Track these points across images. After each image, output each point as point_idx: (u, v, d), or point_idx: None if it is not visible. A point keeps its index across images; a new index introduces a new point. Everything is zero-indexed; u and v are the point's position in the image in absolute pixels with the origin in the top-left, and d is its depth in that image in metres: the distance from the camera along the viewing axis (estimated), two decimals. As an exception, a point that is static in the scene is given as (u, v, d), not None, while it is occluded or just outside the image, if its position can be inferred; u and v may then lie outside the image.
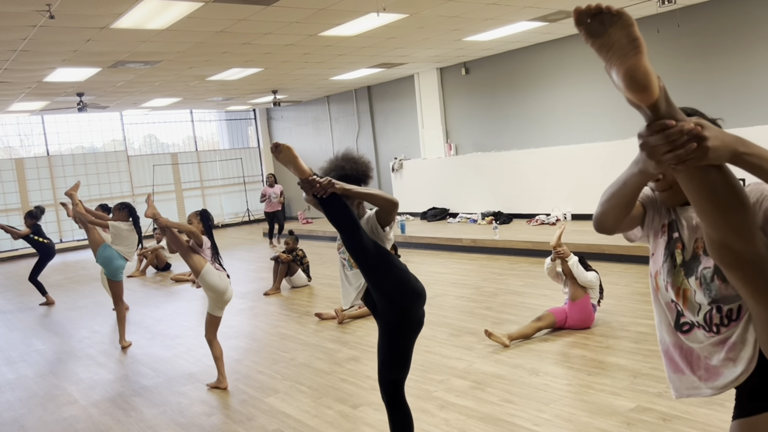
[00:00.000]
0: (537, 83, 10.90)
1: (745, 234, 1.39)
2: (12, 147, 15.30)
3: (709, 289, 1.63)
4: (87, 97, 11.52)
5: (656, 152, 1.28)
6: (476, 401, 3.80)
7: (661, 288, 1.75)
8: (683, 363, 1.76)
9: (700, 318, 1.67)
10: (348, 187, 2.53)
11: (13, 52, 7.52)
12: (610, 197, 1.61)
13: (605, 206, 1.64)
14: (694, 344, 1.72)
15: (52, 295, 8.70)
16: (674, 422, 3.25)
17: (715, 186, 1.34)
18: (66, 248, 15.15)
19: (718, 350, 1.67)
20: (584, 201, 9.81)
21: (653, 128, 1.27)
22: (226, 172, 17.87)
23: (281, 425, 3.77)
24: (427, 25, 8.34)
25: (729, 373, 1.66)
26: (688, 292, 1.68)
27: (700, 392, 1.75)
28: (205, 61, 9.34)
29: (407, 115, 13.65)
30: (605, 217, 1.66)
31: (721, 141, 1.28)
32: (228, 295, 4.44)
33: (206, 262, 4.38)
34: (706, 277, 1.63)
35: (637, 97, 1.24)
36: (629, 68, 1.21)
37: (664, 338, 1.81)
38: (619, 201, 1.60)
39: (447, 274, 7.84)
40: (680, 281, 1.69)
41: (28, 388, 4.98)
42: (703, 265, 1.64)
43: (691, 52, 8.65)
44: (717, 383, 1.69)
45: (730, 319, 1.63)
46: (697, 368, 1.73)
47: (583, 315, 4.95)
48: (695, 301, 1.66)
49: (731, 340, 1.63)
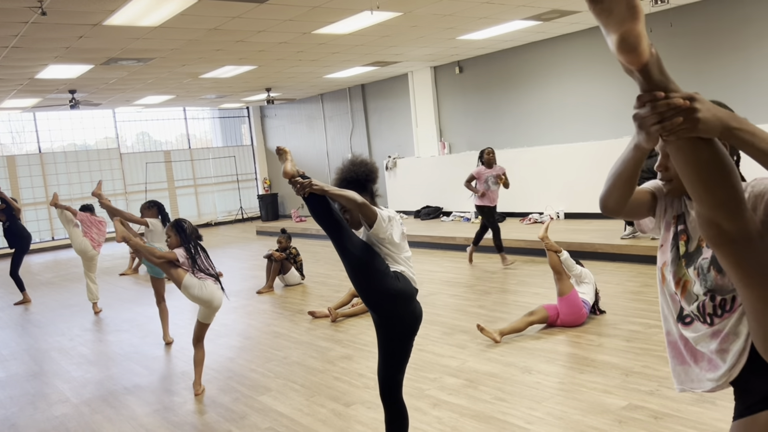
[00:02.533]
0: (531, 82, 10.92)
1: (733, 212, 1.40)
2: (3, 144, 15.20)
3: (705, 280, 1.64)
4: (79, 94, 11.46)
5: (645, 123, 1.30)
6: (469, 399, 3.81)
7: (668, 280, 1.77)
8: (689, 355, 1.78)
9: (694, 308, 1.68)
10: (326, 188, 2.60)
11: (5, 48, 7.47)
12: (612, 176, 1.67)
13: (608, 184, 1.70)
14: (691, 335, 1.74)
15: (43, 292, 8.66)
16: (665, 420, 3.27)
17: (703, 159, 1.35)
18: (57, 246, 15.08)
19: (712, 342, 1.68)
20: (577, 200, 9.84)
21: (643, 99, 1.30)
22: (219, 170, 17.82)
23: (274, 423, 3.76)
24: (421, 24, 8.34)
25: (722, 365, 1.67)
26: (688, 283, 1.69)
27: (703, 385, 1.76)
28: (199, 59, 9.31)
29: (401, 114, 13.65)
30: (608, 195, 1.72)
31: (713, 114, 1.29)
32: (215, 303, 4.33)
33: (186, 274, 4.25)
34: (703, 267, 1.65)
35: (627, 59, 1.26)
36: (624, 32, 1.24)
37: (671, 330, 1.82)
38: (619, 178, 1.65)
39: (440, 273, 7.85)
40: (681, 272, 1.71)
41: (19, 387, 4.95)
42: (702, 256, 1.65)
43: (683, 51, 8.69)
44: (715, 375, 1.70)
45: (723, 309, 1.64)
46: (700, 359, 1.75)
47: (573, 309, 4.97)
48: (693, 292, 1.68)
49: (724, 332, 1.64)
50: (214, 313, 4.43)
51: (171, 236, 4.39)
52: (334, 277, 8.19)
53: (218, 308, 4.40)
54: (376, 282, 2.66)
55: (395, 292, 2.67)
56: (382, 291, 2.67)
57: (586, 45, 9.95)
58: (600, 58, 9.77)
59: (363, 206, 2.61)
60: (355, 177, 2.82)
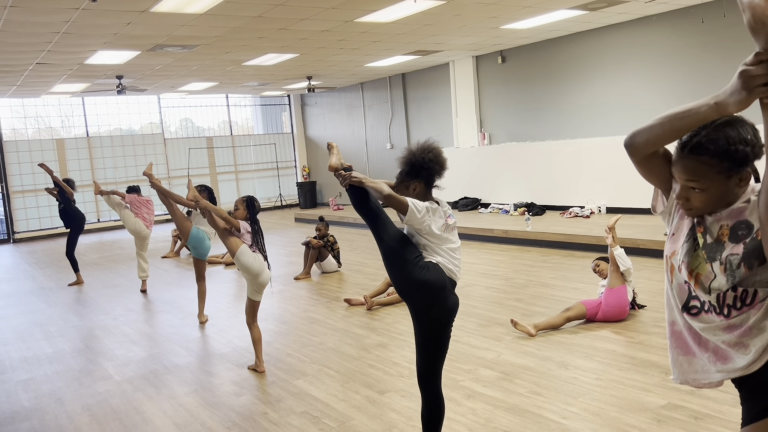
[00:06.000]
0: (575, 73, 10.71)
1: None
2: (53, 128, 15.68)
3: (733, 275, 1.60)
4: (126, 80, 11.72)
5: (753, 82, 1.29)
6: (504, 392, 3.79)
7: (676, 269, 1.74)
8: (694, 344, 1.74)
9: (713, 298, 1.64)
10: (363, 180, 2.68)
11: (56, 34, 7.68)
12: (663, 118, 1.59)
13: (651, 123, 1.62)
14: (698, 325, 1.71)
15: (89, 273, 8.92)
16: (706, 421, 3.20)
17: None
18: (103, 228, 15.51)
19: (726, 333, 1.64)
20: (619, 194, 9.64)
21: (760, 57, 1.29)
22: (259, 157, 18.04)
23: (309, 408, 3.81)
24: (464, 12, 8.25)
25: (739, 358, 1.63)
26: (701, 276, 1.65)
27: (709, 376, 1.73)
28: (242, 46, 9.41)
29: (441, 104, 13.56)
30: (644, 132, 1.65)
31: None
32: (263, 277, 4.47)
33: (242, 244, 4.43)
34: (732, 263, 1.60)
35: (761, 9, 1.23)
36: None
37: (675, 319, 1.79)
38: (669, 124, 1.58)
39: (477, 265, 7.80)
40: (696, 264, 1.67)
41: (65, 363, 5.13)
42: (730, 252, 1.61)
43: (736, 42, 8.39)
44: (726, 366, 1.67)
45: (743, 302, 1.60)
46: (706, 350, 1.72)
47: (619, 302, 4.92)
48: (712, 285, 1.64)
49: (746, 325, 1.60)
50: (262, 289, 4.52)
51: (240, 209, 4.54)
52: (370, 265, 8.22)
53: (265, 284, 4.51)
54: (404, 271, 2.69)
55: (421, 282, 2.67)
56: (409, 280, 2.70)
57: (632, 36, 9.70)
58: (647, 50, 9.51)
59: (389, 197, 2.64)
60: (413, 161, 2.79)
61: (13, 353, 5.51)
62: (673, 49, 9.23)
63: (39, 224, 14.96)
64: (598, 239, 7.70)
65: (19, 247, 13.74)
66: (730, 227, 1.62)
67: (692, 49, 8.98)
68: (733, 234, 1.61)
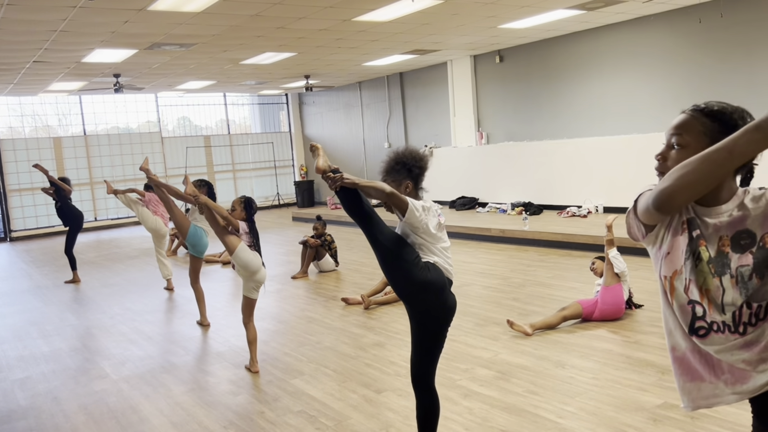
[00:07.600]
0: (572, 73, 10.72)
1: None
2: (50, 126, 15.64)
3: (746, 287, 1.57)
4: (123, 78, 11.70)
5: None
6: (500, 391, 3.79)
7: (678, 290, 1.65)
8: (704, 369, 1.66)
9: (728, 317, 1.58)
10: (357, 181, 2.64)
11: (53, 32, 7.66)
12: (702, 165, 1.41)
13: (689, 176, 1.43)
14: (710, 347, 1.63)
15: (86, 271, 8.90)
16: (702, 420, 3.20)
17: None
18: (100, 227, 15.48)
19: (745, 351, 1.58)
20: (617, 194, 9.65)
21: None
22: (257, 156, 18.01)
23: (306, 407, 3.81)
24: (461, 12, 8.25)
25: (760, 376, 1.58)
26: (710, 292, 1.59)
27: (722, 399, 1.65)
28: (240, 45, 9.40)
29: (439, 103, 13.56)
30: (684, 189, 1.46)
31: None
32: (260, 274, 4.47)
33: (240, 241, 4.45)
34: (743, 275, 1.57)
35: None
36: None
37: (678, 344, 1.70)
38: (715, 170, 1.40)
39: (475, 264, 7.81)
40: (702, 280, 1.60)
41: (61, 361, 5.12)
42: (738, 263, 1.57)
43: (733, 42, 8.41)
44: (745, 387, 1.60)
45: (758, 318, 1.57)
46: (720, 372, 1.63)
47: (615, 300, 4.95)
48: (724, 300, 1.58)
49: (765, 341, 1.56)
50: (259, 287, 4.52)
51: (237, 209, 4.54)
52: (367, 264, 8.22)
53: (262, 282, 4.51)
54: (405, 272, 2.67)
55: (423, 283, 2.67)
56: (410, 281, 2.68)
57: (630, 36, 9.71)
58: (644, 50, 9.52)
59: (392, 195, 2.63)
60: (402, 161, 2.85)
61: (10, 352, 5.50)
62: (670, 49, 9.24)
63: (36, 222, 14.93)
64: (595, 239, 7.70)
65: (15, 245, 13.71)
66: (731, 237, 1.58)
67: (689, 49, 8.99)
68: (735, 244, 1.57)
